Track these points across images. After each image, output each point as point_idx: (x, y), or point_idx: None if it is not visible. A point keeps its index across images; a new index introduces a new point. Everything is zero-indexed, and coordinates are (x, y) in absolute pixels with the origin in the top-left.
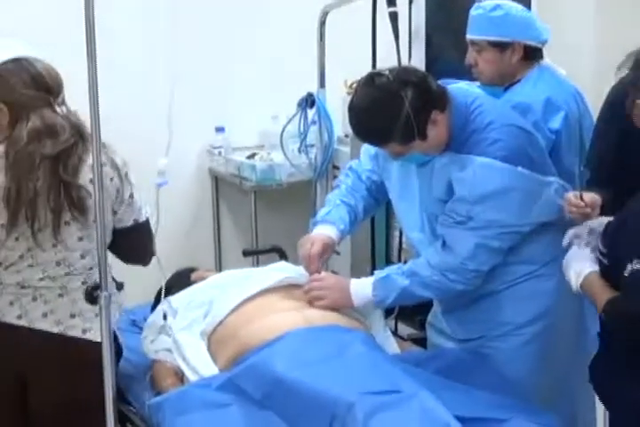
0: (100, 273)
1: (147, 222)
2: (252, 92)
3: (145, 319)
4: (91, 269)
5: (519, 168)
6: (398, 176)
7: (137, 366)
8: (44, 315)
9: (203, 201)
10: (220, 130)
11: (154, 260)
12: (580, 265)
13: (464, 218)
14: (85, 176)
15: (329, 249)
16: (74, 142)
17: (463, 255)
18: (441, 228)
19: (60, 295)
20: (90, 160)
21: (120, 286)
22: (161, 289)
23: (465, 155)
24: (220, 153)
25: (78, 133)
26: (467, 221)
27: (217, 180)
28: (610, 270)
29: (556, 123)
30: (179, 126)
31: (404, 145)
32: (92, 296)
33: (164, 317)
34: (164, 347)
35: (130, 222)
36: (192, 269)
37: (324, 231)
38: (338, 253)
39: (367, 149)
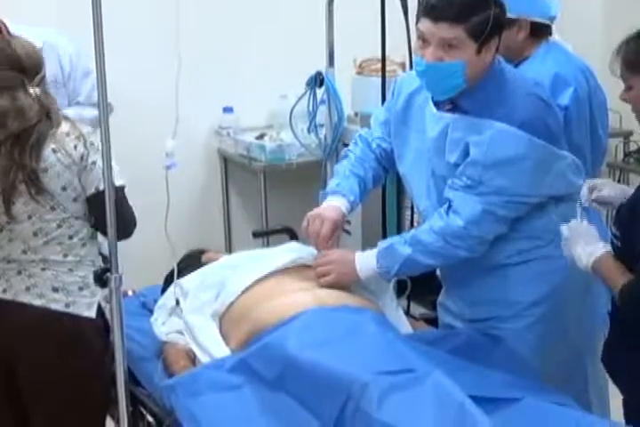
0: (110, 255)
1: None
2: (261, 71)
3: (155, 301)
4: (71, 238)
5: (535, 138)
6: (414, 141)
7: (148, 348)
8: (27, 288)
9: (212, 182)
10: (228, 110)
11: (165, 241)
12: (592, 245)
13: (474, 182)
14: (48, 158)
15: (339, 226)
16: (38, 121)
17: (468, 220)
18: (449, 191)
19: (44, 269)
20: (53, 144)
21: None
22: (171, 271)
23: (484, 119)
24: (228, 133)
25: (44, 113)
26: (477, 186)
27: (226, 160)
28: (623, 252)
29: (564, 99)
30: (186, 107)
31: (470, 37)
32: (101, 279)
33: (177, 302)
34: (175, 329)
35: (92, 190)
36: (202, 251)
37: (334, 203)
38: (349, 233)
39: (377, 117)
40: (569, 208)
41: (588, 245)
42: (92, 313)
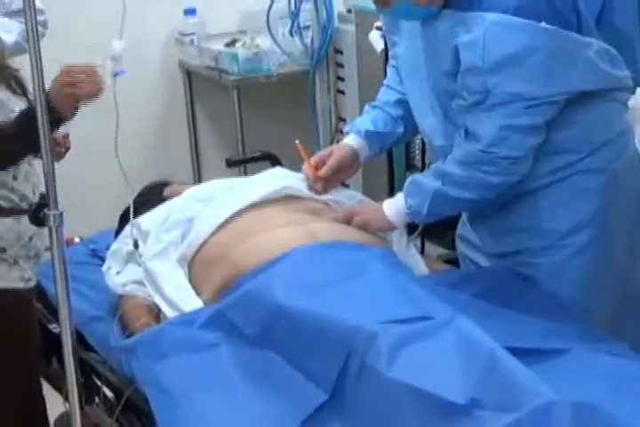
0: (46, 187)
1: None
2: None
3: (108, 248)
4: None
5: (542, 23)
6: (406, 53)
7: (101, 304)
8: None
9: (173, 101)
10: (190, 12)
11: (118, 174)
12: None
13: (480, 94)
14: None
15: (344, 164)
16: None
17: (487, 141)
18: (458, 116)
19: None
20: None
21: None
22: (127, 209)
23: (472, 12)
24: (192, 41)
25: None
26: (484, 99)
27: (190, 74)
28: None
29: None
30: (136, 9)
31: None
32: (36, 217)
33: (136, 244)
34: (133, 279)
35: None
36: (164, 184)
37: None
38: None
39: None
40: (609, 108)
41: None
42: None
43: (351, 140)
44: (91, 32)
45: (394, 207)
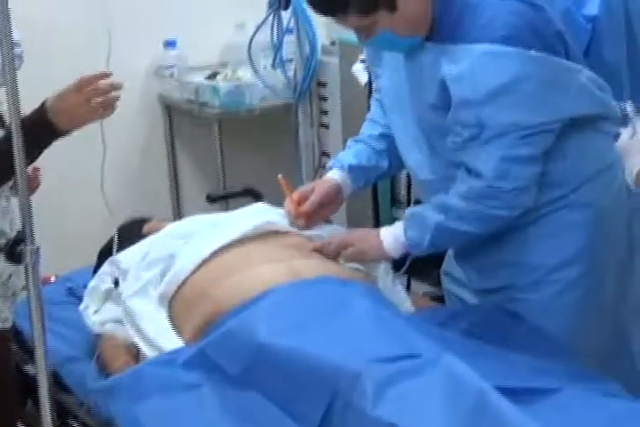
0: (23, 222)
1: None
2: None
3: (85, 286)
4: None
5: (532, 51)
6: (389, 85)
7: (78, 344)
8: None
9: (153, 136)
10: (170, 44)
11: (97, 210)
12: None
13: (475, 128)
14: None
15: (328, 199)
16: None
17: (491, 177)
18: (455, 154)
19: None
20: None
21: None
22: (105, 246)
23: (459, 45)
24: (171, 74)
25: None
26: (480, 133)
27: (169, 108)
28: None
29: (592, 8)
30: (117, 40)
31: (366, 15)
32: (12, 253)
33: (116, 283)
34: (111, 317)
35: None
36: (143, 220)
37: (327, 177)
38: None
39: None
40: (597, 140)
41: (634, 158)
42: None
43: (334, 175)
44: (71, 65)
45: (391, 237)
